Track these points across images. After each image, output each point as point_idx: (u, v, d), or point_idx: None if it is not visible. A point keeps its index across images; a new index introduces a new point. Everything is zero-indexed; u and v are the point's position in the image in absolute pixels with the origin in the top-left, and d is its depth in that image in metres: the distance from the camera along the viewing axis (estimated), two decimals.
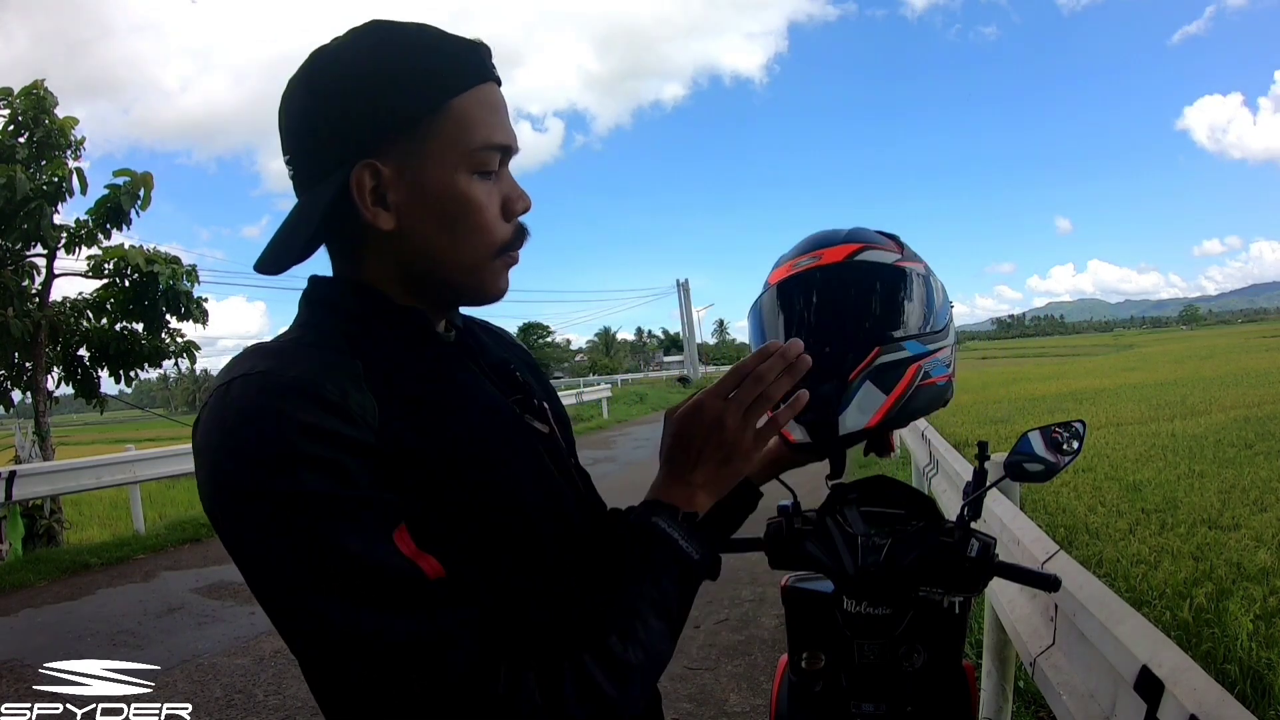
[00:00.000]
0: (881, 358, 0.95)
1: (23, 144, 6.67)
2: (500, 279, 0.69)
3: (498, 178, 0.66)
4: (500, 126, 0.65)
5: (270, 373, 0.56)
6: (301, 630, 0.55)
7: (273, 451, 0.52)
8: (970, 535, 0.95)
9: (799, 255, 1.05)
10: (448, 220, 0.63)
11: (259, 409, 0.53)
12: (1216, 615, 3.04)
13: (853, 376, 0.94)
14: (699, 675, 3.22)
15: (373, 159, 0.61)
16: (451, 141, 0.62)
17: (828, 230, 1.08)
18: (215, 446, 0.54)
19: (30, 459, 6.77)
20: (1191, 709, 1.03)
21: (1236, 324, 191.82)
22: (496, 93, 0.65)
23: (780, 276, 1.05)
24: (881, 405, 0.94)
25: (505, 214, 0.67)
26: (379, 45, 0.62)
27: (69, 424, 48.50)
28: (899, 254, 1.03)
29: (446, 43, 0.64)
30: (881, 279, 1.01)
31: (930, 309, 1.02)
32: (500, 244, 0.67)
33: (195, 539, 6.63)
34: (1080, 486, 5.96)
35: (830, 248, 1.03)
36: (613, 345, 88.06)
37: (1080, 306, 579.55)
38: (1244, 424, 8.72)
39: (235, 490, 0.53)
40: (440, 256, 0.65)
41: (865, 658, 0.99)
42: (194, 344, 7.65)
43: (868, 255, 1.02)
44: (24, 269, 6.90)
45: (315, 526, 0.52)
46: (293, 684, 3.33)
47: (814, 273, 1.02)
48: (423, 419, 0.60)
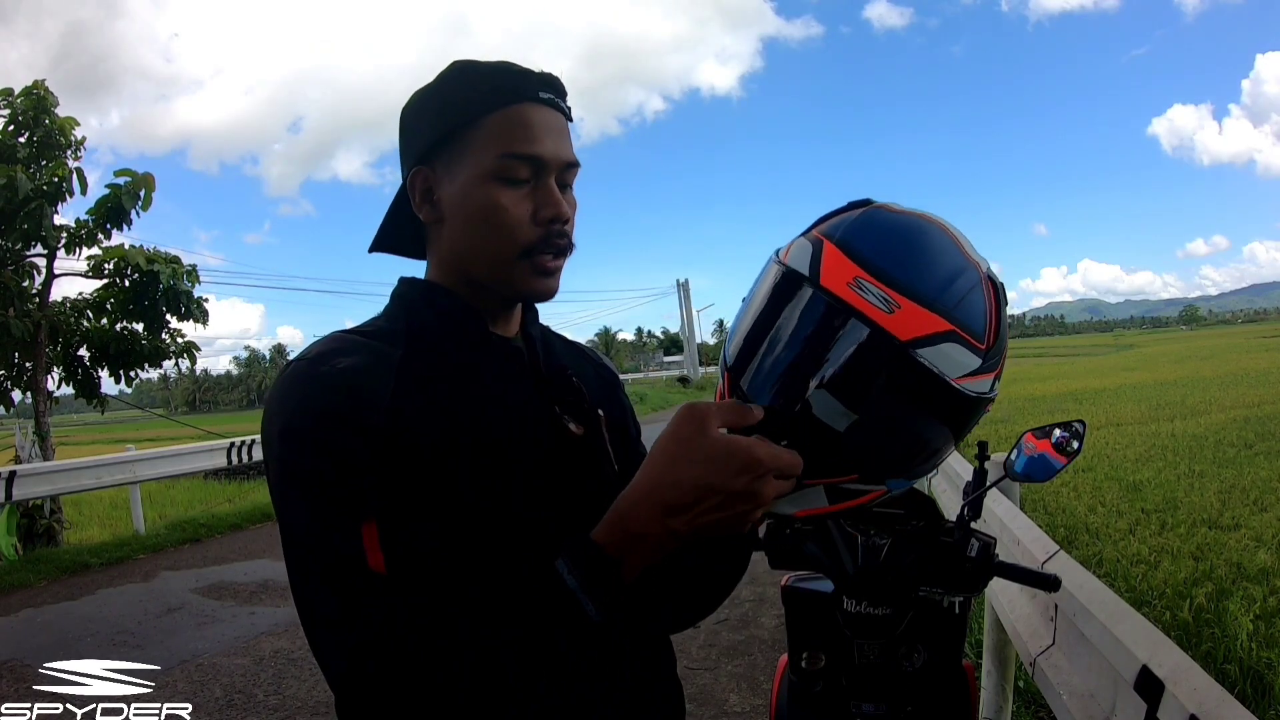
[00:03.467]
0: (855, 484, 0.73)
1: (23, 144, 6.68)
2: (530, 280, 0.73)
3: (534, 186, 0.72)
4: (530, 140, 0.71)
5: (316, 360, 0.67)
6: (284, 554, 0.66)
7: (293, 426, 0.64)
8: (970, 535, 0.95)
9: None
10: (474, 219, 0.72)
11: (292, 392, 0.66)
12: (1216, 615, 3.05)
13: (809, 482, 0.70)
14: (699, 675, 3.22)
15: (425, 165, 0.74)
16: (481, 151, 0.71)
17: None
18: (265, 412, 0.68)
19: (30, 459, 6.77)
20: (1191, 709, 1.03)
21: (1237, 324, 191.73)
22: (537, 112, 0.72)
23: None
24: (818, 508, 0.74)
25: (535, 219, 0.72)
26: (445, 77, 0.74)
27: (69, 424, 48.49)
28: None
29: (495, 71, 0.73)
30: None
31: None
32: (523, 246, 0.72)
33: (195, 539, 6.65)
34: (1080, 486, 5.96)
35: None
36: (613, 345, 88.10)
37: (1080, 306, 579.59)
38: (1244, 424, 8.73)
39: (268, 446, 0.67)
40: (469, 253, 0.74)
41: (865, 658, 0.99)
42: (194, 344, 7.66)
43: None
44: (24, 269, 6.91)
45: (301, 495, 0.63)
46: (293, 684, 3.34)
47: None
48: (438, 401, 0.68)
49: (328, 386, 0.65)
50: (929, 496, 1.02)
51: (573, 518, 0.72)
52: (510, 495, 0.69)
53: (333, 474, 0.62)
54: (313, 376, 0.66)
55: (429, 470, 0.65)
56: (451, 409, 0.69)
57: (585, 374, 0.87)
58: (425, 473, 0.65)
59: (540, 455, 0.73)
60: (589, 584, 0.61)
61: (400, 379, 0.68)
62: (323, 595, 0.61)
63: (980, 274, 0.73)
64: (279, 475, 0.65)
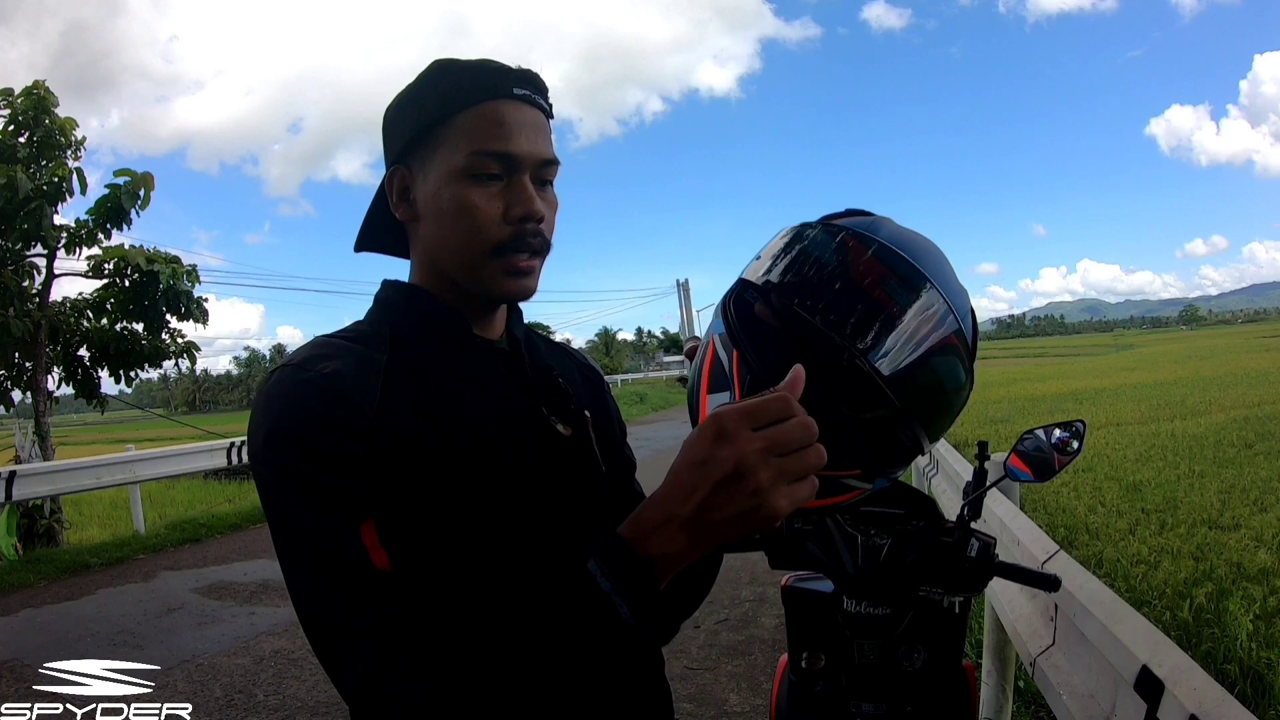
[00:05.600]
0: (850, 480, 0.78)
1: (23, 144, 6.68)
2: (502, 280, 0.72)
3: (507, 183, 0.71)
4: (502, 137, 0.70)
5: (301, 365, 0.66)
6: (281, 564, 0.64)
7: (281, 430, 0.63)
8: (970, 535, 0.95)
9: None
10: (445, 218, 0.71)
11: (280, 397, 0.64)
12: (1216, 615, 3.05)
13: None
14: (699, 675, 3.22)
15: (402, 165, 0.73)
16: (453, 148, 0.70)
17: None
18: (251, 419, 0.67)
19: (30, 459, 6.77)
20: (1191, 709, 1.03)
21: (1237, 324, 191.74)
22: (511, 108, 0.71)
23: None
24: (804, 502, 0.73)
25: (506, 218, 0.70)
26: (423, 76, 0.73)
27: (69, 424, 48.49)
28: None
29: (472, 68, 0.72)
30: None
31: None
32: (494, 244, 0.70)
33: (195, 539, 6.65)
34: (1080, 486, 5.96)
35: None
36: (613, 345, 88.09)
37: (1080, 306, 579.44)
38: (1244, 424, 8.73)
39: (254, 454, 0.65)
40: (442, 252, 0.73)
41: (865, 658, 0.99)
42: (194, 344, 7.66)
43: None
44: (24, 269, 6.90)
45: (293, 500, 0.62)
46: (293, 684, 3.34)
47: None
48: (426, 404, 0.68)
49: (314, 390, 0.64)
50: (929, 496, 1.02)
51: (561, 518, 0.72)
52: (499, 496, 0.68)
53: (324, 476, 0.61)
54: (298, 382, 0.65)
55: (419, 471, 0.64)
56: (439, 410, 0.68)
57: (571, 375, 0.86)
58: (416, 473, 0.64)
59: (528, 456, 0.72)
60: (623, 586, 0.57)
61: (387, 381, 0.67)
62: (330, 600, 0.59)
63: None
64: (270, 482, 0.63)
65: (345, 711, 0.66)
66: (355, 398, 0.64)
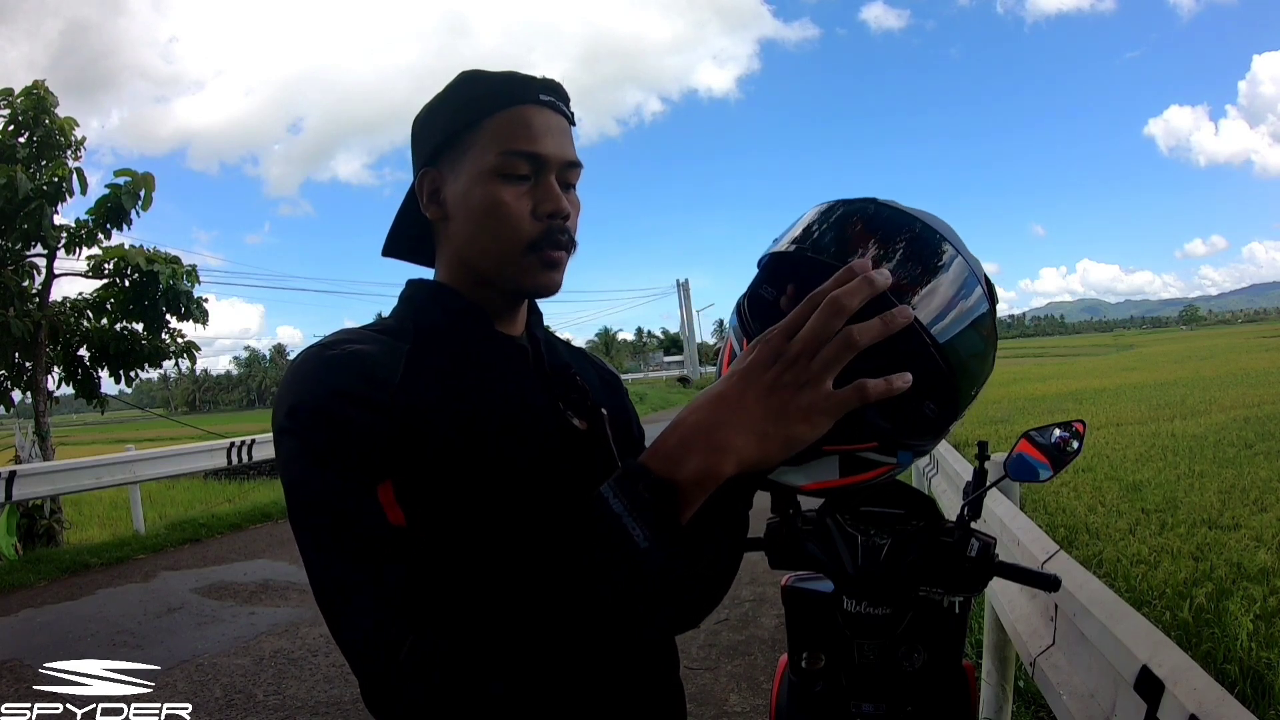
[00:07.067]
0: (869, 453, 0.73)
1: (23, 144, 6.68)
2: (534, 274, 0.75)
3: (535, 183, 0.74)
4: (530, 138, 0.74)
5: (328, 344, 0.69)
6: (296, 534, 0.65)
7: (305, 402, 0.64)
8: (970, 535, 0.95)
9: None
10: (477, 215, 0.74)
11: (306, 373, 0.67)
12: (1216, 615, 3.05)
13: (828, 448, 0.70)
14: (699, 675, 3.22)
15: (432, 167, 0.77)
16: (484, 149, 0.74)
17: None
18: (277, 396, 0.68)
19: (30, 459, 6.77)
20: (1191, 709, 1.04)
21: (1237, 324, 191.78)
22: (538, 113, 0.75)
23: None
24: (828, 481, 0.74)
25: (535, 214, 0.74)
26: (452, 85, 0.78)
27: (69, 424, 48.49)
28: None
29: (499, 77, 0.76)
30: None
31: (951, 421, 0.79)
32: (527, 241, 0.74)
33: (195, 539, 6.65)
34: (1080, 486, 5.96)
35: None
36: (613, 345, 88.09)
37: (1080, 306, 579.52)
38: (1244, 424, 8.73)
39: (278, 427, 0.67)
40: (474, 250, 0.76)
41: (865, 658, 0.99)
42: (194, 344, 7.66)
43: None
44: (24, 269, 6.90)
45: (311, 466, 0.63)
46: (292, 684, 3.33)
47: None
48: (446, 389, 0.70)
49: (339, 365, 0.66)
50: (929, 496, 1.02)
51: (571, 492, 0.72)
52: (513, 485, 0.69)
53: (344, 443, 0.63)
54: (323, 359, 0.67)
55: (437, 450, 0.66)
56: (458, 396, 0.70)
57: (588, 375, 0.88)
58: (433, 451, 0.65)
59: (546, 448, 0.74)
60: (636, 507, 0.55)
61: (409, 366, 0.69)
62: (344, 563, 0.60)
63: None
64: (290, 451, 0.64)
65: (345, 712, 0.66)
66: (379, 374, 0.67)
